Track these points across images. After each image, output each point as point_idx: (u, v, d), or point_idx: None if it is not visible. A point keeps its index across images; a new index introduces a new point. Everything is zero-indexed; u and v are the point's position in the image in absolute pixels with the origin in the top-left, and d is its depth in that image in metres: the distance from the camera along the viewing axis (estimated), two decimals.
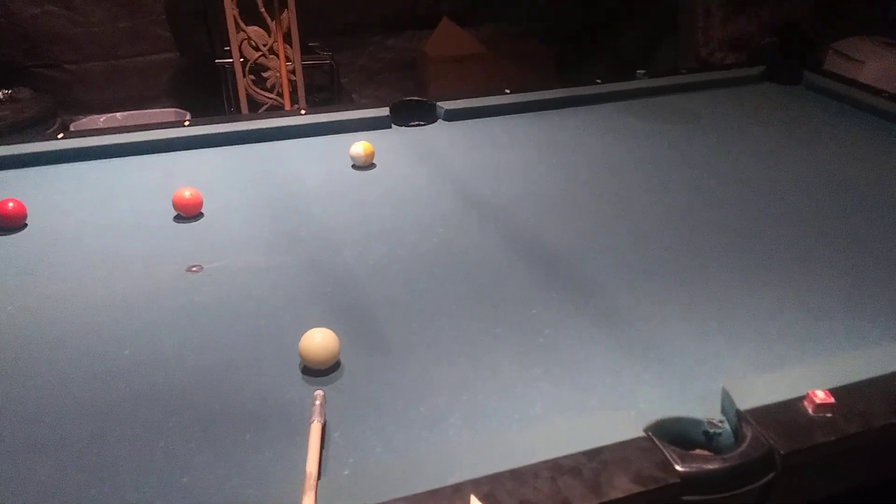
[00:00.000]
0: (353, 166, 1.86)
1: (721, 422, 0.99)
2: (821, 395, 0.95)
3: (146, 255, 1.46)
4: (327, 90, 3.92)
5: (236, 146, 2.00)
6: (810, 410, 0.95)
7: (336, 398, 1.05)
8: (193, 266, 1.41)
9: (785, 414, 0.95)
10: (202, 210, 1.62)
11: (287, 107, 3.40)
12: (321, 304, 1.29)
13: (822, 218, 1.57)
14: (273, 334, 1.20)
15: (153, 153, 1.93)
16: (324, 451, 0.94)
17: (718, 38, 4.18)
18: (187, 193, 1.60)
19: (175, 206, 1.60)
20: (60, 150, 1.89)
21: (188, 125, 2.04)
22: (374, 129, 2.13)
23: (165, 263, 1.42)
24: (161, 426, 1.00)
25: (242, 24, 3.26)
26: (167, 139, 1.96)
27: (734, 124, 2.13)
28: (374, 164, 1.87)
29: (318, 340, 1.10)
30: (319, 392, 1.03)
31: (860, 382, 1.00)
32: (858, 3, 3.90)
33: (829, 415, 0.94)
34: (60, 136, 1.98)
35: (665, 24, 4.50)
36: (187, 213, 1.60)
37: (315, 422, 0.97)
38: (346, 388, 1.07)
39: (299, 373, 1.11)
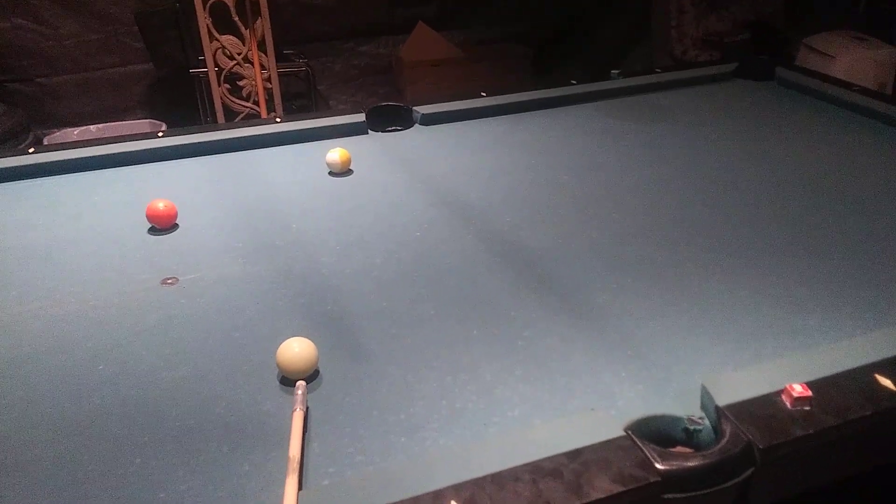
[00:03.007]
0: (330, 173, 1.85)
1: (701, 418, 0.99)
2: (798, 389, 0.95)
3: (120, 268, 1.44)
4: (304, 97, 3.90)
5: (212, 156, 1.98)
6: (788, 404, 0.95)
7: (314, 408, 1.04)
8: (168, 278, 1.39)
9: (763, 408, 0.95)
10: (177, 221, 1.60)
11: (263, 115, 3.38)
12: (298, 313, 1.27)
13: (797, 212, 1.58)
14: (249, 345, 1.19)
15: (127, 165, 1.91)
16: (303, 461, 0.93)
17: (692, 37, 4.22)
18: (161, 205, 1.58)
19: (149, 218, 1.58)
20: (31, 165, 1.87)
21: (162, 136, 2.01)
22: (350, 135, 2.12)
23: (140, 277, 1.40)
24: (135, 442, 0.98)
25: (216, 34, 3.24)
26: (141, 151, 1.94)
27: (708, 121, 2.15)
28: (350, 170, 1.87)
29: (296, 350, 1.09)
30: (301, 382, 1.05)
31: (837, 375, 1.00)
32: None
33: (807, 408, 0.94)
34: (31, 150, 1.95)
35: (639, 23, 4.53)
36: (162, 225, 1.58)
37: (297, 410, 0.99)
38: (324, 398, 1.06)
39: (276, 384, 1.09)
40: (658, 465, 0.87)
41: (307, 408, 1.02)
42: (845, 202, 1.62)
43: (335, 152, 1.84)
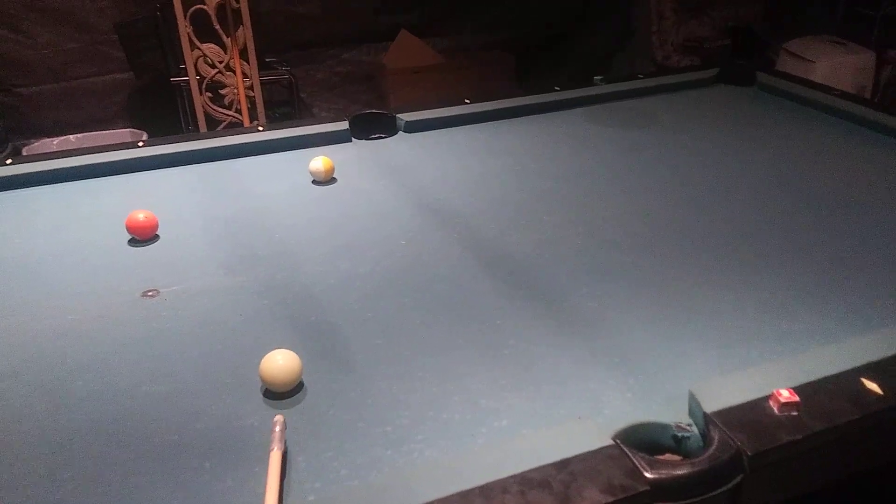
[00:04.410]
0: (314, 182, 1.84)
1: (689, 425, 0.99)
2: (785, 394, 0.95)
3: (100, 281, 1.41)
4: (287, 105, 3.88)
5: (193, 165, 1.96)
6: (776, 410, 0.95)
7: (299, 421, 1.02)
8: (149, 291, 1.37)
9: (751, 414, 0.94)
10: (158, 232, 1.58)
11: (246, 123, 3.36)
12: (282, 324, 1.26)
13: (781, 216, 1.59)
14: (232, 358, 1.17)
15: (106, 176, 1.88)
16: (287, 477, 0.92)
17: (673, 42, 4.25)
18: (141, 216, 1.56)
19: (129, 229, 1.56)
20: (8, 177, 1.83)
21: (142, 146, 1.99)
22: (334, 143, 2.11)
23: (120, 289, 1.38)
24: (116, 459, 0.96)
25: (197, 42, 3.22)
26: (121, 161, 1.91)
27: (690, 126, 2.16)
28: (334, 178, 1.85)
29: (280, 363, 1.07)
30: (280, 417, 1.00)
31: (824, 379, 1.00)
32: (807, 3, 4.00)
33: (794, 413, 0.94)
34: (9, 161, 1.92)
35: (622, 29, 4.56)
36: (142, 236, 1.56)
37: (274, 450, 0.93)
38: (308, 411, 1.05)
39: (260, 397, 1.08)
40: (647, 474, 0.86)
41: (286, 448, 0.95)
42: (828, 205, 1.63)
43: (318, 161, 1.83)
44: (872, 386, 0.99)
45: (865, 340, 1.10)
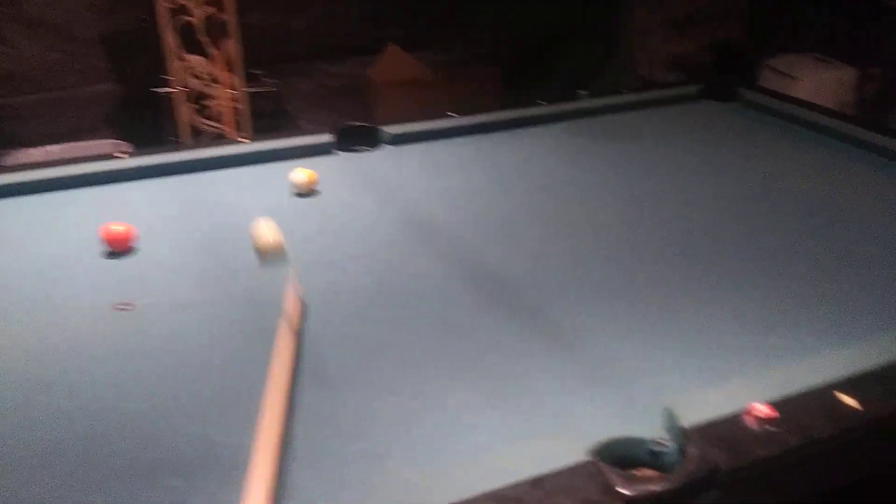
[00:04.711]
0: (296, 194, 1.83)
1: (667, 440, 0.98)
2: (762, 409, 0.95)
3: (72, 294, 1.39)
4: (273, 117, 3.87)
5: (174, 177, 1.94)
6: (753, 424, 0.94)
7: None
8: (123, 304, 1.35)
9: (728, 429, 0.94)
10: (135, 245, 1.56)
11: (231, 135, 3.34)
12: (257, 338, 1.24)
13: (762, 231, 1.59)
14: (204, 373, 1.15)
15: (84, 187, 1.86)
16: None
17: (659, 58, 4.28)
18: (117, 228, 1.54)
19: (105, 241, 1.53)
20: None
21: (121, 157, 1.97)
22: (318, 155, 2.09)
23: (93, 303, 1.36)
24: (85, 479, 0.94)
25: (183, 54, 3.21)
26: (99, 172, 1.89)
27: (673, 141, 2.17)
28: (317, 191, 1.84)
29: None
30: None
31: (801, 394, 1.00)
32: (790, 21, 4.04)
33: (771, 428, 0.94)
34: None
35: (608, 45, 4.59)
36: (119, 249, 1.54)
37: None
38: (286, 428, 1.03)
39: (232, 414, 1.06)
40: (622, 491, 0.85)
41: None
42: (809, 220, 1.63)
43: (300, 172, 1.81)
44: (848, 400, 0.99)
45: (843, 354, 1.10)
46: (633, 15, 4.30)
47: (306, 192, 1.83)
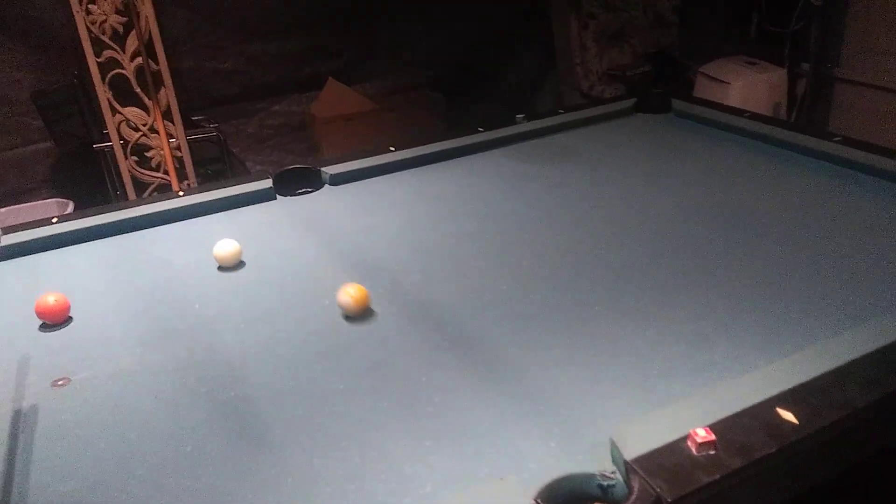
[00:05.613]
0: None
1: (613, 472, 0.97)
2: (702, 434, 0.95)
3: (6, 371, 1.34)
4: (218, 162, 3.83)
5: (110, 238, 1.90)
6: (693, 450, 0.94)
7: None
8: (59, 380, 1.31)
9: (670, 458, 0.94)
10: (70, 314, 1.52)
11: (175, 185, 3.30)
12: (199, 403, 1.21)
13: (697, 245, 1.61)
14: (145, 446, 1.12)
15: (15, 258, 1.81)
16: None
17: (597, 71, 4.36)
18: (51, 299, 1.49)
19: (39, 314, 1.49)
20: None
21: (56, 223, 1.92)
22: (259, 202, 2.08)
23: (28, 380, 1.31)
24: None
25: (118, 106, 3.16)
26: (31, 241, 1.84)
27: (610, 158, 2.19)
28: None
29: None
30: None
31: (739, 413, 1.00)
32: (718, 25, 4.15)
33: (711, 452, 0.94)
34: None
35: (546, 61, 4.66)
36: (53, 321, 1.50)
37: None
38: (223, 496, 1.00)
39: (170, 489, 1.03)
40: None
41: None
42: (744, 230, 1.66)
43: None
44: (787, 416, 1.00)
45: (780, 367, 1.11)
46: (567, 32, 4.37)
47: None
